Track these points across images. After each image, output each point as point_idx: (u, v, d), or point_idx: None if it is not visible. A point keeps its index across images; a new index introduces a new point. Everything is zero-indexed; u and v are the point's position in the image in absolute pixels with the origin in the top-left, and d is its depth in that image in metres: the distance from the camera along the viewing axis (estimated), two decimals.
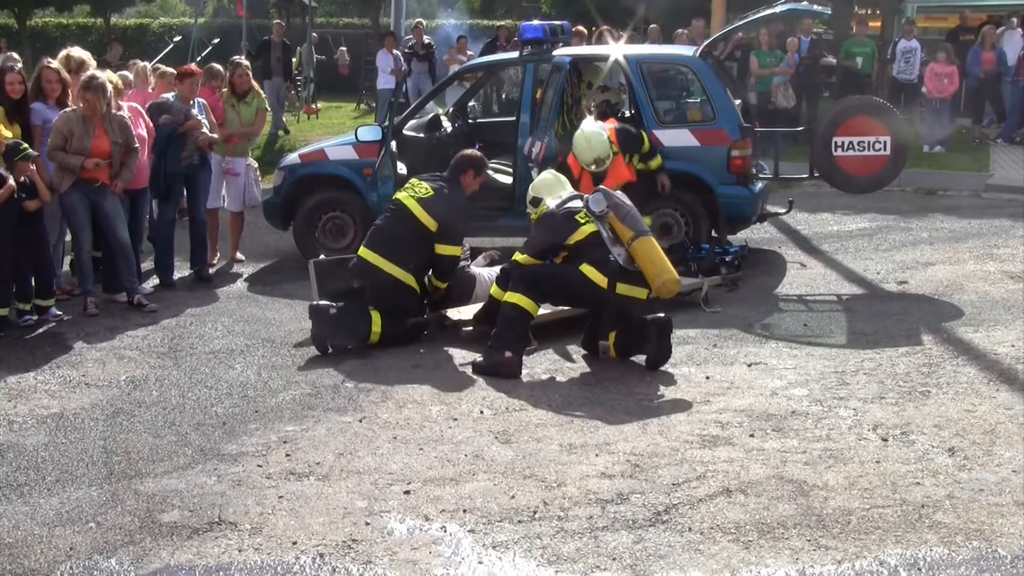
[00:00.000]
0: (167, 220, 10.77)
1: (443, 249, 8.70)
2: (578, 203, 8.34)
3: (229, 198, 11.74)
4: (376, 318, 8.53)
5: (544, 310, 8.55)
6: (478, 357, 8.09)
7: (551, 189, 8.72)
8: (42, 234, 9.42)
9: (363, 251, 8.73)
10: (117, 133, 9.57)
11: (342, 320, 8.52)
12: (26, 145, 9.19)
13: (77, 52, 10.57)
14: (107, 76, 9.99)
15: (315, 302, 8.69)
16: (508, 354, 7.97)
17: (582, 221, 8.15)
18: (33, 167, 9.20)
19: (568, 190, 8.73)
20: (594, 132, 9.85)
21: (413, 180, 9.06)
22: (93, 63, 10.63)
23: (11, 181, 8.94)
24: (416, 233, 8.63)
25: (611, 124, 10.25)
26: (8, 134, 9.27)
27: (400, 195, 8.88)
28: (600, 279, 7.98)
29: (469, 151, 9.18)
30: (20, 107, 9.66)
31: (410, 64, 21.96)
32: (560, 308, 8.84)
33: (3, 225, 8.95)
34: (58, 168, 9.42)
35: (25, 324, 9.23)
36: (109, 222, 9.72)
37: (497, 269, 8.98)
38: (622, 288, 8.00)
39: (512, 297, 8.11)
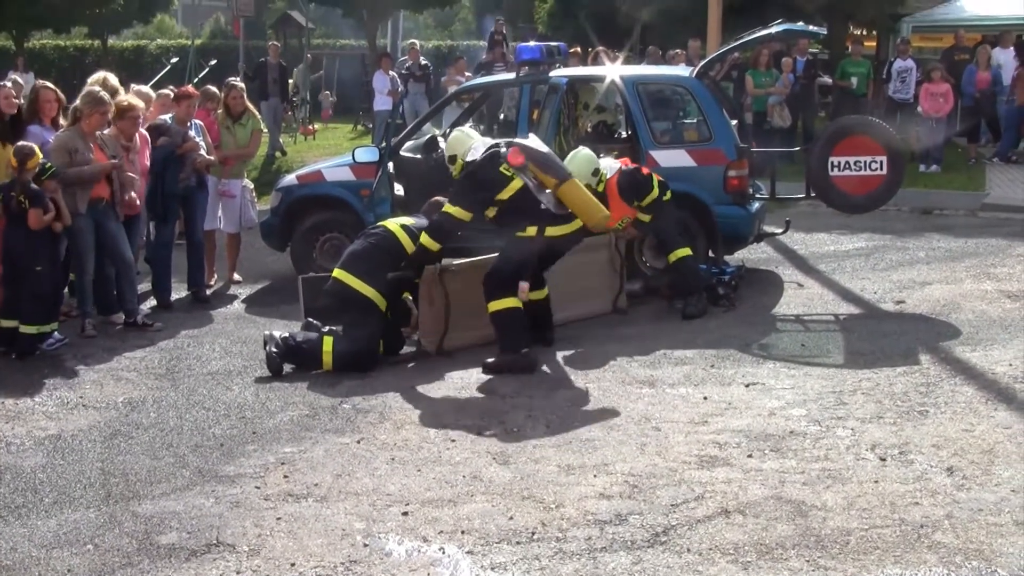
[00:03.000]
0: (165, 242, 10.77)
1: (424, 240, 8.64)
2: (494, 152, 8.61)
3: (225, 219, 11.75)
4: (327, 343, 8.53)
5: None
6: (469, 379, 8.13)
7: (461, 144, 8.87)
8: (59, 256, 9.44)
9: (338, 272, 8.75)
10: (111, 148, 9.62)
11: (292, 344, 8.59)
12: (52, 164, 9.19)
13: (112, 78, 10.61)
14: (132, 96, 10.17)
15: (270, 332, 8.76)
16: (524, 350, 8.35)
17: (508, 174, 8.46)
18: (57, 188, 9.22)
19: (479, 140, 8.93)
20: (583, 156, 9.76)
21: (398, 218, 9.17)
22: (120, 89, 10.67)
23: (50, 204, 9.01)
24: (396, 258, 8.68)
25: (621, 166, 10.14)
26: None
27: (387, 223, 8.98)
28: (531, 231, 8.40)
29: (440, 197, 9.07)
30: (14, 126, 9.66)
31: (407, 85, 22.02)
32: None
33: (43, 243, 8.97)
34: (68, 189, 9.38)
35: (51, 348, 9.17)
36: (114, 241, 9.75)
37: None
38: (551, 231, 8.43)
39: (494, 306, 8.46)
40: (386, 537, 5.59)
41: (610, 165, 9.95)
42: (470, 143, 8.82)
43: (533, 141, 8.75)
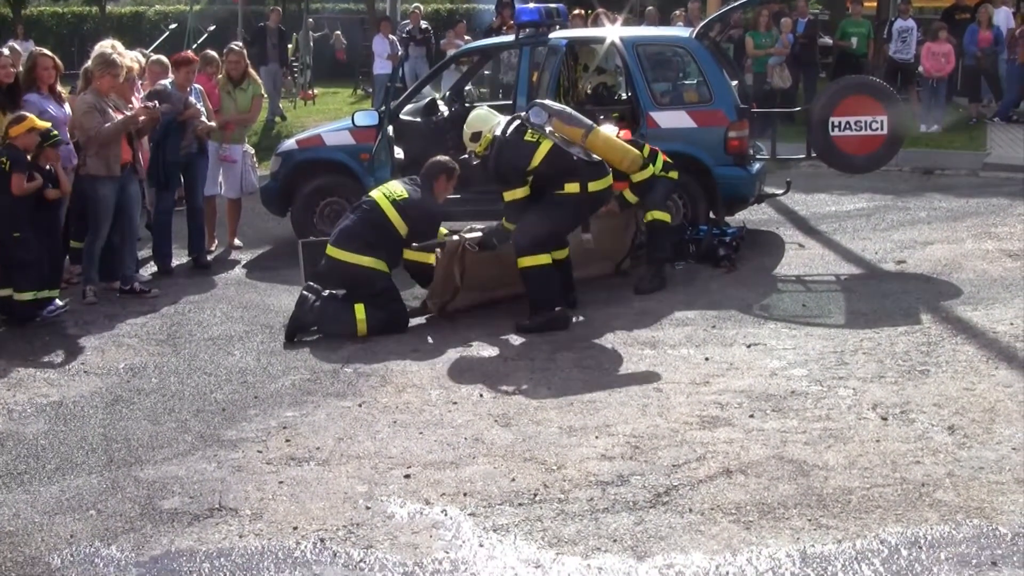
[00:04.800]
0: (165, 208, 10.73)
1: (409, 255, 8.73)
2: (515, 123, 8.69)
3: (226, 185, 11.71)
4: (360, 310, 8.47)
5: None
6: (470, 342, 8.12)
7: (486, 121, 8.91)
8: (57, 223, 9.43)
9: (331, 250, 8.72)
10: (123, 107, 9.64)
11: (326, 311, 8.53)
12: (56, 132, 9.16)
13: (119, 45, 10.56)
14: (129, 58, 10.13)
15: (304, 291, 8.69)
16: (556, 308, 8.47)
17: (535, 139, 8.53)
18: (58, 157, 9.20)
19: (501, 118, 8.93)
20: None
21: (390, 183, 9.06)
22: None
23: (35, 175, 8.97)
24: (387, 234, 8.62)
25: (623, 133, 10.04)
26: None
27: (375, 194, 8.86)
28: (572, 187, 8.46)
29: (440, 157, 9.10)
30: (12, 94, 9.61)
31: (407, 49, 21.91)
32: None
33: (24, 209, 8.95)
34: (101, 148, 9.37)
35: (51, 315, 9.14)
36: (131, 208, 9.80)
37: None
38: (593, 186, 8.51)
39: (527, 261, 8.49)
40: (388, 500, 5.61)
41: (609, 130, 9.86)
42: (494, 120, 8.85)
43: (551, 102, 8.78)
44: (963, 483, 5.53)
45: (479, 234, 8.89)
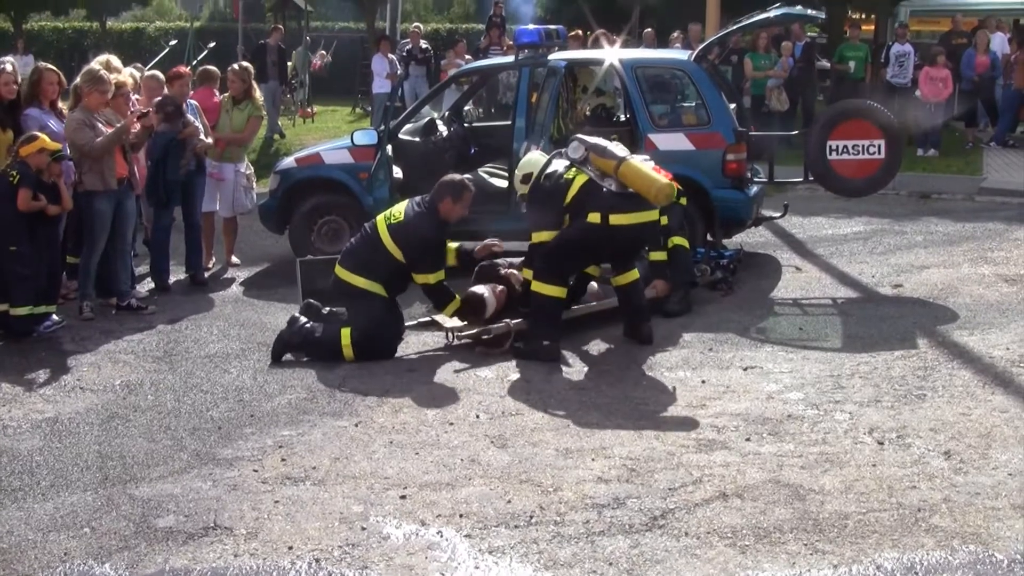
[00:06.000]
0: (164, 226, 10.73)
1: (419, 279, 8.54)
2: (559, 161, 8.69)
3: (220, 203, 11.71)
4: (346, 335, 8.36)
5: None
6: (468, 363, 8.11)
7: (536, 164, 8.88)
8: (56, 238, 9.43)
9: (337, 268, 8.69)
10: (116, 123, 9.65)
11: (313, 334, 8.47)
12: (60, 146, 9.18)
13: (115, 60, 10.58)
14: (126, 74, 10.19)
15: (296, 313, 8.67)
16: (547, 342, 8.30)
17: (572, 176, 8.49)
18: (62, 172, 9.21)
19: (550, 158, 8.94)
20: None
21: (399, 204, 8.85)
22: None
23: (40, 196, 8.99)
24: (383, 258, 8.47)
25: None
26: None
27: (379, 217, 8.75)
28: (595, 217, 8.32)
29: (451, 177, 8.90)
30: (12, 110, 9.62)
31: (407, 68, 21.95)
32: (590, 304, 9.28)
33: (22, 224, 8.95)
34: (95, 163, 9.39)
35: (48, 331, 9.13)
36: (127, 223, 9.81)
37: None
38: (615, 219, 8.33)
39: (537, 287, 8.42)
40: (384, 520, 5.60)
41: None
42: (543, 161, 8.84)
43: (589, 137, 8.72)
44: (959, 509, 5.53)
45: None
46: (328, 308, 8.71)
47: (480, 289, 8.77)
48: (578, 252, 8.59)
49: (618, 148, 8.55)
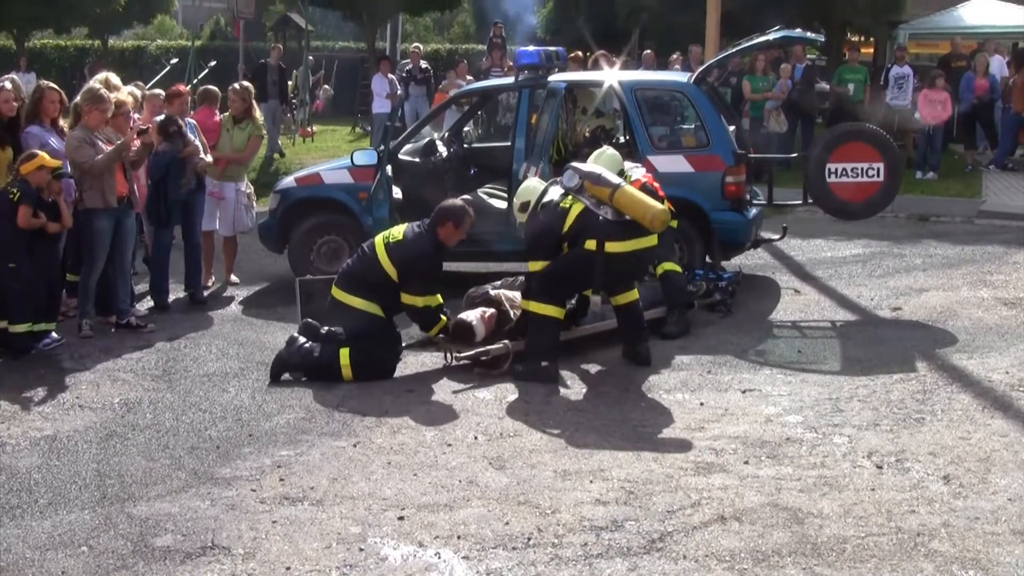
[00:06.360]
0: (164, 245, 10.74)
1: (406, 299, 8.54)
2: (555, 189, 8.68)
3: (220, 222, 11.72)
4: (344, 355, 8.37)
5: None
6: (466, 384, 8.10)
7: (535, 192, 8.88)
8: (56, 255, 9.44)
9: (333, 289, 8.71)
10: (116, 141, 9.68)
11: (312, 354, 8.45)
12: (60, 164, 9.20)
13: (115, 78, 10.61)
14: (126, 93, 10.20)
15: (294, 333, 8.67)
16: (544, 363, 8.31)
17: (568, 205, 8.49)
18: (61, 190, 9.23)
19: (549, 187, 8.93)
20: (608, 155, 9.64)
21: (398, 226, 8.93)
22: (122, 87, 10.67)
23: (40, 213, 9.01)
24: (380, 278, 8.51)
25: (644, 180, 9.90)
26: None
27: (377, 236, 8.80)
28: (591, 244, 8.33)
29: (452, 202, 8.97)
30: (12, 128, 9.64)
31: (408, 88, 22.00)
32: (593, 325, 9.25)
33: (20, 241, 8.96)
34: (96, 181, 9.41)
35: (47, 348, 9.15)
36: (126, 242, 9.82)
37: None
38: (611, 246, 8.33)
39: (534, 307, 8.43)
40: (382, 541, 5.59)
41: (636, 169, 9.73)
42: (540, 189, 8.85)
43: (585, 165, 8.72)
44: (959, 533, 5.52)
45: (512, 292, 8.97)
46: (326, 327, 8.71)
47: (468, 316, 8.80)
48: (574, 277, 8.60)
49: (612, 175, 8.53)
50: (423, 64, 23.02)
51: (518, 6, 26.36)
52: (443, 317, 8.76)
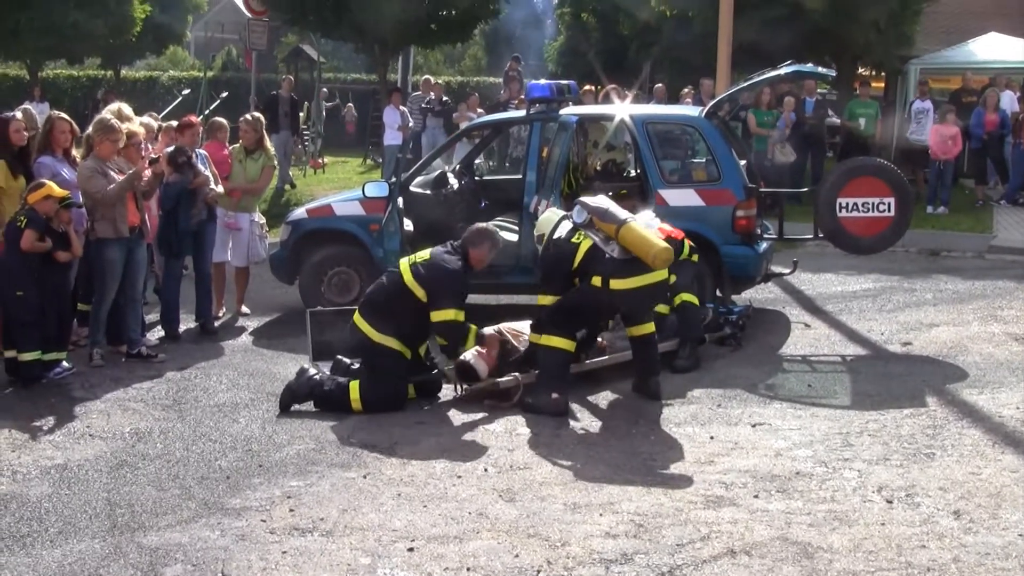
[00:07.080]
0: (175, 275, 10.79)
1: (436, 316, 8.45)
2: (566, 224, 8.75)
3: (233, 253, 11.77)
4: (355, 388, 8.40)
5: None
6: (476, 415, 8.10)
7: (549, 225, 8.93)
8: (67, 285, 9.48)
9: (356, 317, 8.69)
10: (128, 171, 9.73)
11: (322, 386, 8.48)
12: (68, 193, 9.25)
13: (127, 108, 10.68)
14: (138, 123, 10.29)
15: (305, 364, 8.68)
16: (555, 395, 8.28)
17: (578, 240, 8.54)
18: (71, 220, 9.28)
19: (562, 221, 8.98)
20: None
21: (426, 250, 8.86)
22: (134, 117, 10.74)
23: (47, 238, 9.06)
24: (407, 303, 8.49)
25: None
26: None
27: (402, 261, 8.80)
28: (597, 280, 8.35)
29: (485, 226, 9.01)
30: (24, 157, 9.71)
31: (425, 119, 22.08)
32: (602, 358, 9.26)
33: (29, 269, 9.00)
34: (108, 210, 9.48)
35: (58, 377, 9.19)
36: (137, 272, 9.86)
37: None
38: (615, 283, 8.31)
39: (545, 340, 8.45)
40: (391, 573, 5.59)
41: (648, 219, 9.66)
42: (554, 221, 8.88)
43: (595, 200, 8.74)
44: (969, 569, 5.51)
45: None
46: (337, 356, 8.72)
47: (466, 356, 8.72)
48: (583, 312, 8.64)
49: (620, 210, 8.51)
50: (443, 97, 23.09)
51: (529, 39, 26.47)
52: (472, 326, 8.69)
